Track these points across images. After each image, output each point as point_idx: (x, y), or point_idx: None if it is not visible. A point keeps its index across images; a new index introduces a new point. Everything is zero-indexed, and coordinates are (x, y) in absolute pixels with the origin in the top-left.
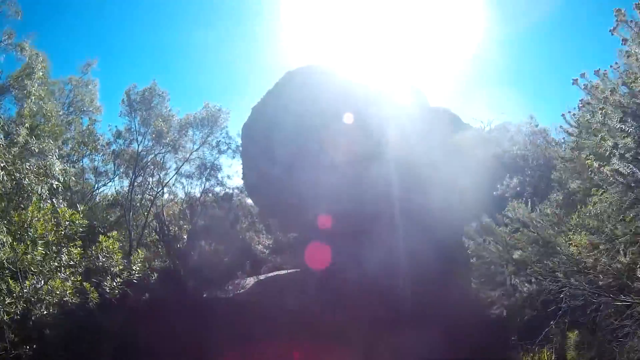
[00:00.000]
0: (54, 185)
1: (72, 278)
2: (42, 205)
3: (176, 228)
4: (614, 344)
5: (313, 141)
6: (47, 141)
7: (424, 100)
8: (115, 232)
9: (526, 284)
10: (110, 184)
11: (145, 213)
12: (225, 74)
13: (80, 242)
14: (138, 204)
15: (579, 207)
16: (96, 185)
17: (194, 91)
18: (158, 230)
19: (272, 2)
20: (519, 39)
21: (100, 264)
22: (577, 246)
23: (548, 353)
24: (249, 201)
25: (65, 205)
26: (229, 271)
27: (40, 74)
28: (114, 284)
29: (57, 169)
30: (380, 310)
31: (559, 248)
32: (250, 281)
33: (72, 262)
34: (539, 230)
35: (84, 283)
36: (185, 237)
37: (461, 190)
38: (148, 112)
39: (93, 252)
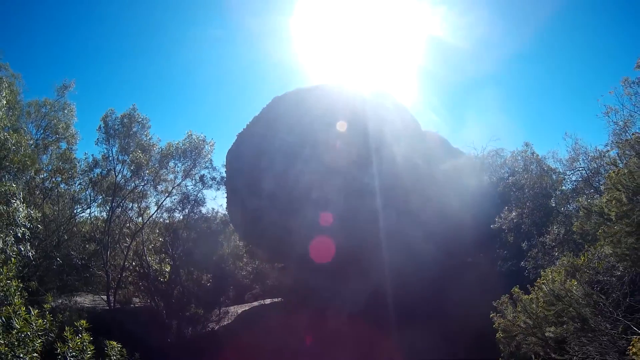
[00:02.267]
0: (19, 234)
1: None
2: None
3: (157, 262)
4: None
5: (301, 173)
6: (8, 184)
7: (416, 126)
8: (85, 321)
9: None
10: (88, 210)
11: (125, 250)
12: (211, 99)
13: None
14: (117, 237)
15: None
16: (73, 213)
17: (177, 117)
18: (139, 267)
19: (258, 27)
20: (515, 66)
21: None
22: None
23: None
24: (232, 227)
25: (33, 252)
26: (213, 299)
27: (4, 101)
28: None
29: (21, 215)
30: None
31: (593, 325)
32: (234, 310)
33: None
34: (574, 305)
35: None
36: (167, 270)
37: (451, 220)
38: (127, 141)
39: (59, 349)
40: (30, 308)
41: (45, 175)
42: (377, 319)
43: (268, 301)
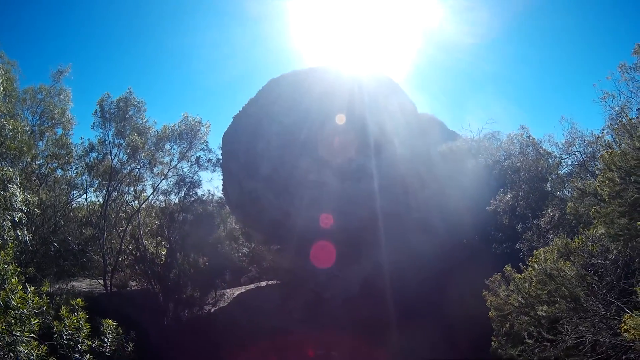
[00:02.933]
0: (16, 219)
1: (37, 351)
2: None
3: (153, 245)
4: None
5: (298, 155)
6: (5, 169)
7: (413, 108)
8: (81, 299)
9: (548, 342)
10: (85, 196)
11: (121, 234)
12: (208, 82)
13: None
14: (113, 221)
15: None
16: (70, 199)
17: (173, 99)
18: (135, 251)
19: (256, 8)
20: (511, 50)
21: (65, 341)
22: (632, 330)
23: None
24: (228, 209)
25: (30, 237)
26: (209, 282)
27: (0, 88)
28: None
29: (18, 199)
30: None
31: (585, 304)
32: (230, 293)
33: (33, 335)
34: (566, 284)
35: (50, 358)
36: (163, 253)
37: (447, 202)
38: (123, 124)
39: (55, 328)
40: (27, 285)
41: (41, 161)
42: (374, 302)
43: (264, 283)
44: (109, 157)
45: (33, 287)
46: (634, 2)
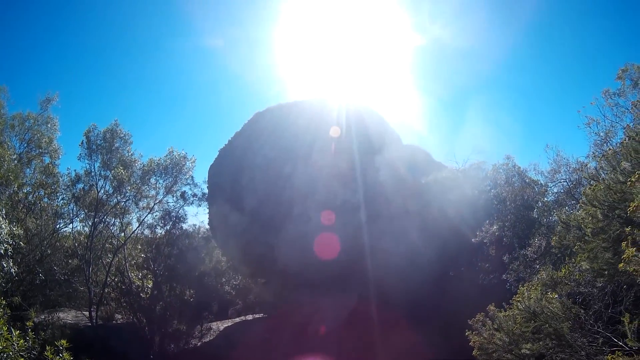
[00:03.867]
0: (1, 251)
1: None
2: None
3: (139, 278)
4: None
5: (282, 188)
6: None
7: (397, 138)
8: (65, 341)
9: None
10: (71, 225)
11: (107, 266)
12: (195, 113)
13: None
14: (99, 253)
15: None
16: (56, 227)
17: (159, 130)
18: (120, 283)
19: (240, 40)
20: (496, 79)
21: None
22: None
23: None
24: (214, 242)
25: (15, 269)
26: (196, 315)
27: None
28: None
29: (4, 232)
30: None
31: (570, 341)
32: (217, 326)
33: None
34: (550, 321)
35: None
36: (149, 286)
37: (434, 235)
38: (109, 156)
39: None
40: (12, 329)
41: (28, 189)
42: (360, 333)
43: (250, 317)
44: (95, 188)
45: (18, 331)
46: (617, 28)
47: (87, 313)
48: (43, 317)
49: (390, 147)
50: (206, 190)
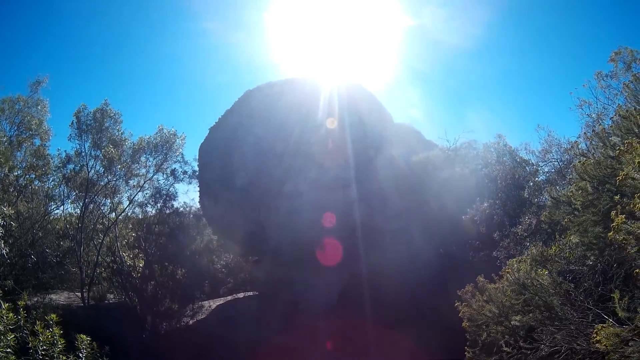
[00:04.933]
0: None
1: None
2: None
3: (131, 258)
4: None
5: (273, 166)
6: None
7: (389, 118)
8: (55, 315)
9: (523, 350)
10: (62, 207)
11: (98, 246)
12: (185, 93)
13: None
14: (91, 234)
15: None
16: (47, 210)
17: (149, 111)
18: (112, 263)
19: (231, 20)
20: (488, 59)
21: (40, 357)
22: (605, 341)
23: None
24: (205, 221)
25: (7, 250)
26: (188, 294)
27: None
28: None
29: None
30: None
31: (560, 313)
32: (208, 305)
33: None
34: (540, 293)
35: None
36: (141, 265)
37: (424, 212)
38: (99, 136)
39: (30, 343)
40: (2, 302)
41: (19, 172)
42: (352, 312)
43: (242, 295)
44: (86, 168)
45: (7, 305)
46: (610, 10)
47: (79, 294)
48: (35, 299)
49: (381, 125)
50: (196, 168)
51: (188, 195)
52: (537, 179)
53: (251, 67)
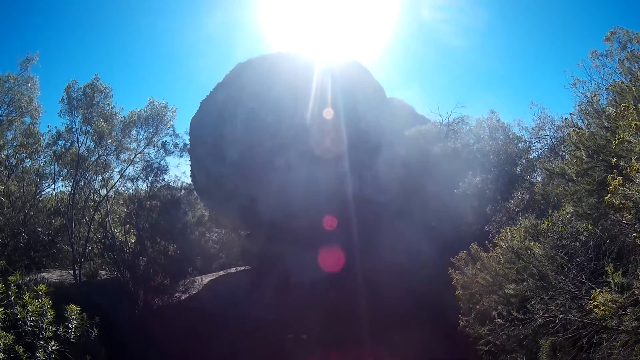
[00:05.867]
0: None
1: (4, 340)
2: None
3: (122, 233)
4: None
5: (264, 139)
6: None
7: (381, 92)
8: (44, 285)
9: (517, 321)
10: (53, 186)
11: (89, 222)
12: (177, 67)
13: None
14: (82, 210)
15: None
16: (39, 189)
17: (141, 86)
18: (103, 238)
19: None
20: (482, 35)
21: (29, 328)
22: (602, 307)
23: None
24: (196, 195)
25: None
26: (180, 270)
27: None
28: (49, 349)
29: None
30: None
31: (554, 282)
32: (201, 280)
33: None
34: (534, 262)
35: (16, 346)
36: (132, 241)
37: (415, 186)
38: (89, 111)
39: (19, 315)
40: None
41: (10, 151)
42: (342, 286)
43: (234, 269)
44: (76, 144)
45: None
46: None
47: (71, 272)
48: (28, 278)
49: (373, 98)
50: (187, 141)
51: (179, 169)
52: (529, 155)
53: (244, 41)
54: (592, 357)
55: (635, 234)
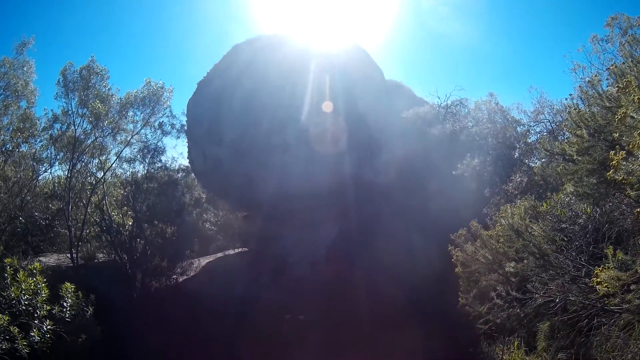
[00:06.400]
0: None
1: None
2: None
3: (120, 216)
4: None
5: (263, 120)
6: None
7: (380, 74)
8: (39, 264)
9: (516, 301)
10: (50, 170)
11: (86, 203)
12: (173, 48)
13: None
14: (78, 194)
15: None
16: (35, 174)
17: (137, 67)
18: (101, 221)
19: None
20: (482, 18)
21: (23, 307)
22: (605, 283)
23: (517, 343)
24: (193, 176)
25: None
26: (177, 252)
27: None
28: (44, 328)
29: None
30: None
31: (554, 261)
32: (198, 262)
33: None
34: (534, 241)
35: (11, 327)
36: (130, 223)
37: (413, 168)
38: (86, 93)
39: (12, 293)
40: None
41: (6, 136)
42: (340, 266)
43: (232, 251)
44: (73, 127)
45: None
46: None
47: (68, 255)
48: (25, 263)
49: (372, 80)
50: (184, 122)
51: (176, 150)
52: (528, 139)
53: (240, 23)
54: (590, 340)
55: (638, 210)
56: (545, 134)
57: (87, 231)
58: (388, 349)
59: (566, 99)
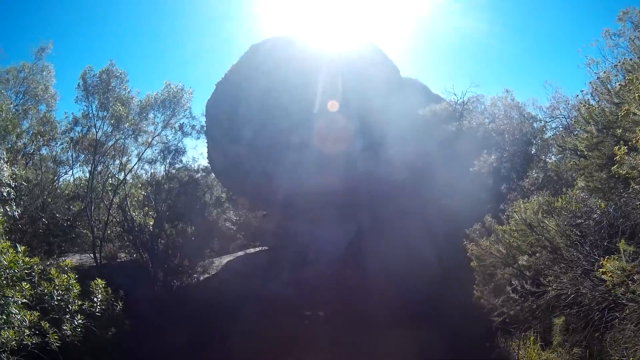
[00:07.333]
0: (4, 194)
1: (29, 316)
2: None
3: (141, 216)
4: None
5: (280, 118)
6: None
7: (395, 71)
8: (69, 260)
9: (530, 295)
10: (71, 172)
11: (108, 204)
12: (191, 50)
13: (27, 285)
14: (100, 194)
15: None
16: (56, 176)
17: (156, 69)
18: (122, 221)
19: None
20: (497, 14)
21: (56, 303)
22: (611, 273)
23: (532, 338)
24: (213, 176)
25: (19, 212)
26: (198, 250)
27: None
28: (75, 322)
29: (5, 174)
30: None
31: (566, 255)
32: (219, 261)
33: (24, 300)
34: (547, 235)
35: (42, 322)
36: (151, 223)
37: (429, 165)
38: (106, 96)
39: (45, 290)
40: (17, 245)
41: (26, 140)
42: (358, 263)
43: (252, 250)
44: (94, 129)
45: (24, 247)
46: None
47: (91, 255)
48: (48, 263)
49: (387, 78)
50: (204, 123)
51: (197, 150)
52: (544, 135)
53: (258, 22)
54: (604, 336)
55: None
56: (561, 129)
57: (109, 231)
58: (410, 344)
59: (577, 95)
